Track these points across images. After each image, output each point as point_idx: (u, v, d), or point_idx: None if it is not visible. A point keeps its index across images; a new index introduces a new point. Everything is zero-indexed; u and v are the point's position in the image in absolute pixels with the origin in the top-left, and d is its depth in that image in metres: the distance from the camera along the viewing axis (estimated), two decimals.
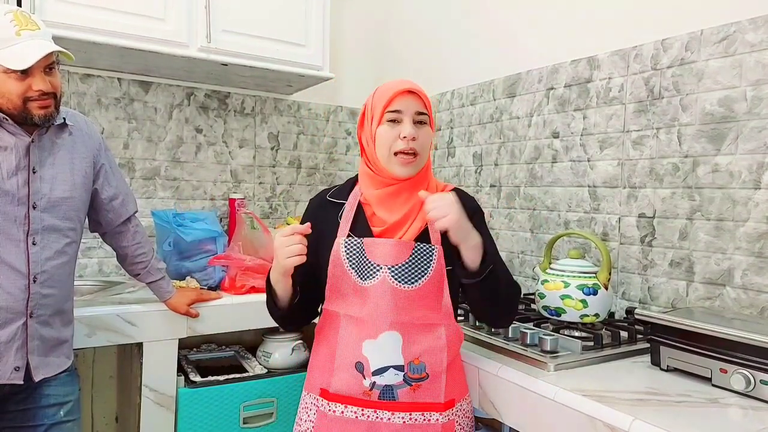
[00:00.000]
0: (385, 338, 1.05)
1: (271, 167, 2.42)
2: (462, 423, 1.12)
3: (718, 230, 1.27)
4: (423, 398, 1.06)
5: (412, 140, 1.07)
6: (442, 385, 1.07)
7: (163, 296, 1.53)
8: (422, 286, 1.06)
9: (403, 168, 1.09)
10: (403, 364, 1.05)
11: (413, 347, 1.06)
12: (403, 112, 1.08)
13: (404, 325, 1.06)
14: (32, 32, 1.13)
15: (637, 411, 0.87)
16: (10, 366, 1.15)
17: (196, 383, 1.65)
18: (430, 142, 1.13)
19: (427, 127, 1.11)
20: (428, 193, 1.02)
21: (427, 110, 1.11)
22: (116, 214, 1.41)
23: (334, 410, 1.06)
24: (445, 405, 1.07)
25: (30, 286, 1.17)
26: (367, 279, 1.06)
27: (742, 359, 0.95)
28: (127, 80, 2.08)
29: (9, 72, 1.10)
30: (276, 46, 2.01)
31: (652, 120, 1.40)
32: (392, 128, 1.09)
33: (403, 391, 1.05)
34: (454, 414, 1.09)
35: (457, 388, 1.12)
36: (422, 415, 1.05)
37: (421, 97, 1.10)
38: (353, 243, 1.09)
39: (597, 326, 1.30)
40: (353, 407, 1.06)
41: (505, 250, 1.86)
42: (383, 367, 1.05)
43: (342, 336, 1.08)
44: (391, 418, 1.05)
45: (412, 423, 1.05)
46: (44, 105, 1.15)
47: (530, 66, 1.77)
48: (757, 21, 1.20)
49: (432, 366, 1.06)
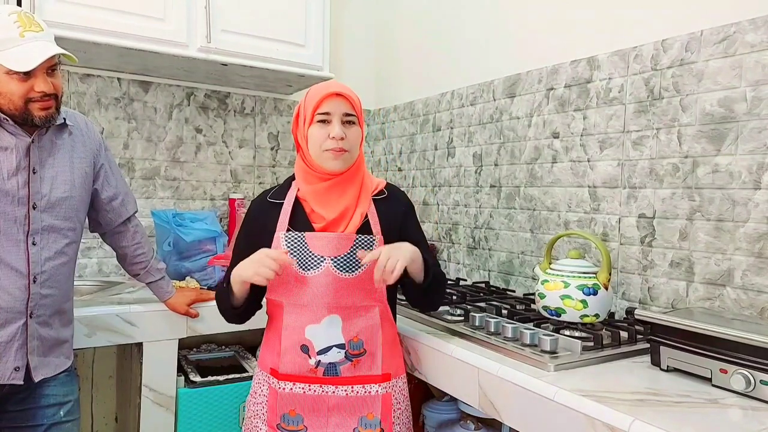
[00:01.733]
0: (328, 321, 1.17)
1: (270, 167, 2.42)
2: (398, 398, 1.24)
3: (718, 231, 1.27)
4: (362, 372, 1.19)
5: (340, 140, 1.16)
6: (378, 360, 1.20)
7: (163, 296, 1.53)
8: (362, 273, 1.17)
9: (335, 161, 1.18)
10: (344, 342, 1.18)
11: (352, 327, 1.19)
12: (332, 113, 1.17)
13: (344, 309, 1.18)
14: (35, 34, 1.13)
15: (637, 411, 0.87)
16: (10, 366, 1.15)
17: (196, 383, 1.65)
18: (359, 140, 1.22)
19: (355, 126, 1.20)
20: (366, 254, 1.12)
21: (356, 111, 1.19)
22: (116, 214, 1.41)
23: (284, 387, 1.19)
24: (383, 377, 1.21)
25: (30, 286, 1.17)
26: (310, 269, 1.17)
27: (742, 359, 0.95)
28: (127, 80, 2.08)
29: (11, 73, 1.11)
30: (276, 46, 2.01)
31: (652, 120, 1.40)
32: (322, 128, 1.18)
33: (345, 367, 1.18)
34: (391, 387, 1.22)
35: (394, 365, 1.24)
36: (363, 387, 1.19)
37: (349, 100, 1.18)
38: (294, 236, 1.18)
39: (597, 326, 1.29)
40: (301, 384, 1.19)
41: (505, 250, 1.86)
42: (327, 347, 1.18)
43: (287, 322, 1.19)
44: (336, 391, 1.18)
45: (354, 395, 1.19)
46: (45, 106, 1.16)
47: (530, 66, 1.77)
48: (757, 21, 1.20)
49: (369, 342, 1.20)
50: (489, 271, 1.94)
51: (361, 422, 1.19)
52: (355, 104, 1.20)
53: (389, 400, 1.21)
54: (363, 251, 1.15)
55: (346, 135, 1.17)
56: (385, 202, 1.26)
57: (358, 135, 1.21)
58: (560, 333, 1.22)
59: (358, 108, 1.21)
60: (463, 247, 2.06)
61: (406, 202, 1.31)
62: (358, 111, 1.21)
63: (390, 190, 1.30)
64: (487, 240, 1.94)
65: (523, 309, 1.48)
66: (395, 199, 1.29)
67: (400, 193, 1.32)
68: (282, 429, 1.20)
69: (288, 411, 1.19)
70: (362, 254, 1.14)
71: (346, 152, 1.18)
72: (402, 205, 1.29)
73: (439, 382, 1.28)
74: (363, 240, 1.18)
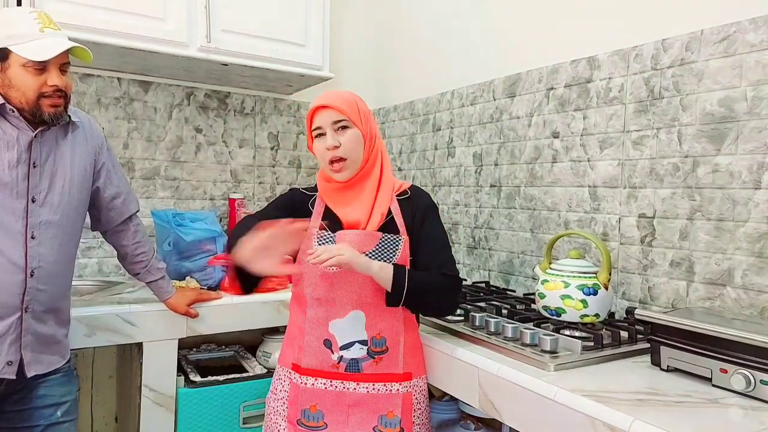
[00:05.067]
0: (352, 317, 1.20)
1: (270, 167, 2.42)
2: (419, 398, 1.25)
3: (718, 230, 1.27)
4: (384, 370, 1.21)
5: (334, 149, 1.19)
6: (400, 358, 1.22)
7: (163, 296, 1.53)
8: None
9: (338, 174, 1.22)
10: (366, 339, 1.20)
11: (375, 324, 1.20)
12: (323, 126, 1.20)
13: (368, 305, 1.20)
14: (54, 31, 1.20)
15: (637, 411, 0.87)
16: (3, 360, 1.15)
17: (195, 383, 1.65)
18: (356, 142, 1.21)
19: (351, 129, 1.20)
20: (314, 252, 1.11)
21: (345, 114, 1.20)
22: (118, 212, 1.42)
23: (306, 382, 1.21)
24: (404, 376, 1.22)
25: (27, 280, 1.17)
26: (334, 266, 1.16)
27: (742, 359, 0.95)
28: (127, 80, 2.08)
29: (27, 66, 1.15)
30: (276, 46, 2.01)
31: (652, 120, 1.40)
32: (320, 142, 1.22)
33: (367, 364, 1.20)
34: (411, 387, 1.23)
35: (414, 364, 1.25)
36: (384, 386, 1.21)
37: (335, 107, 1.19)
38: (325, 235, 1.21)
39: (597, 326, 1.29)
40: (322, 379, 1.21)
41: (505, 250, 1.86)
42: (349, 342, 1.19)
43: (310, 316, 1.22)
44: (357, 388, 1.20)
45: (375, 393, 1.20)
46: (55, 103, 1.19)
47: (530, 66, 1.77)
48: (757, 21, 1.20)
49: (391, 340, 1.21)
50: (489, 271, 1.94)
51: (381, 421, 1.19)
52: (344, 109, 1.20)
53: (410, 399, 1.22)
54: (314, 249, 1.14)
55: (341, 141, 1.19)
56: (408, 202, 1.27)
57: (354, 137, 1.21)
58: (560, 333, 1.22)
59: (349, 111, 1.20)
60: (463, 246, 2.06)
61: (428, 202, 1.29)
62: (350, 114, 1.20)
63: (414, 191, 1.30)
64: (487, 240, 1.94)
65: (523, 309, 1.48)
66: (417, 199, 1.29)
67: (424, 194, 1.31)
68: (302, 425, 1.21)
69: (309, 407, 1.21)
70: (311, 252, 1.13)
71: (345, 160, 1.20)
72: (423, 204, 1.28)
73: (439, 382, 1.28)
74: (389, 239, 1.20)
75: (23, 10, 1.21)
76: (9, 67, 1.16)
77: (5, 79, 1.16)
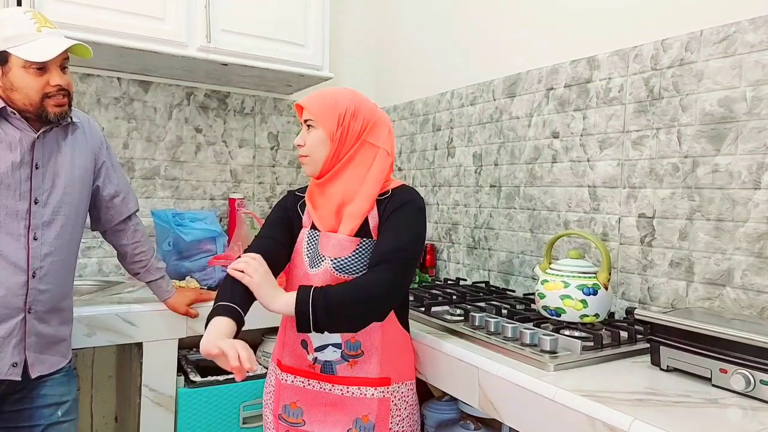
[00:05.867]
0: None
1: (270, 167, 2.42)
2: (399, 405, 1.22)
3: (718, 230, 1.27)
4: (358, 373, 1.19)
5: (299, 146, 1.23)
6: (375, 363, 1.19)
7: (163, 296, 1.53)
8: (360, 275, 1.17)
9: (303, 168, 1.25)
10: (340, 342, 1.19)
11: None
12: (302, 125, 1.24)
13: None
14: (51, 30, 1.18)
15: (637, 411, 0.87)
16: (8, 362, 1.15)
17: (195, 383, 1.65)
18: (317, 143, 1.20)
19: (314, 130, 1.21)
20: (241, 258, 1.14)
21: (311, 114, 1.21)
22: (117, 211, 1.42)
23: (287, 379, 1.24)
24: (380, 381, 1.19)
25: (29, 281, 1.17)
26: (314, 267, 1.20)
27: (741, 359, 0.95)
28: (127, 80, 2.08)
29: (28, 67, 1.14)
30: (276, 46, 2.01)
31: (652, 120, 1.40)
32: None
33: (342, 366, 1.19)
34: (390, 393, 1.20)
35: (395, 369, 1.22)
36: (358, 389, 1.19)
37: (303, 107, 1.23)
38: (313, 235, 1.23)
39: (597, 326, 1.29)
40: (301, 378, 1.23)
41: (505, 250, 1.86)
42: (323, 345, 1.19)
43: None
44: (332, 389, 1.20)
45: (350, 396, 1.19)
46: (60, 103, 1.19)
47: (530, 66, 1.77)
48: (757, 21, 1.20)
49: (366, 344, 1.19)
50: (489, 271, 1.94)
51: (356, 424, 1.19)
52: (312, 109, 1.20)
53: (386, 405, 1.19)
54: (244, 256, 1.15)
55: (306, 140, 1.21)
56: (385, 202, 1.20)
57: (317, 137, 1.19)
58: (560, 333, 1.22)
59: (317, 112, 1.19)
60: (462, 246, 2.06)
61: (405, 200, 1.19)
62: (316, 115, 1.19)
63: (397, 190, 1.22)
64: (487, 240, 1.94)
65: (523, 309, 1.48)
66: (395, 197, 1.20)
67: (406, 193, 1.21)
68: (283, 420, 1.24)
69: (289, 403, 1.23)
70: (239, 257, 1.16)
71: (307, 157, 1.22)
72: (398, 201, 1.19)
73: (439, 381, 1.28)
74: (365, 245, 1.18)
75: (17, 10, 1.18)
76: (10, 70, 1.14)
77: (7, 83, 1.15)
